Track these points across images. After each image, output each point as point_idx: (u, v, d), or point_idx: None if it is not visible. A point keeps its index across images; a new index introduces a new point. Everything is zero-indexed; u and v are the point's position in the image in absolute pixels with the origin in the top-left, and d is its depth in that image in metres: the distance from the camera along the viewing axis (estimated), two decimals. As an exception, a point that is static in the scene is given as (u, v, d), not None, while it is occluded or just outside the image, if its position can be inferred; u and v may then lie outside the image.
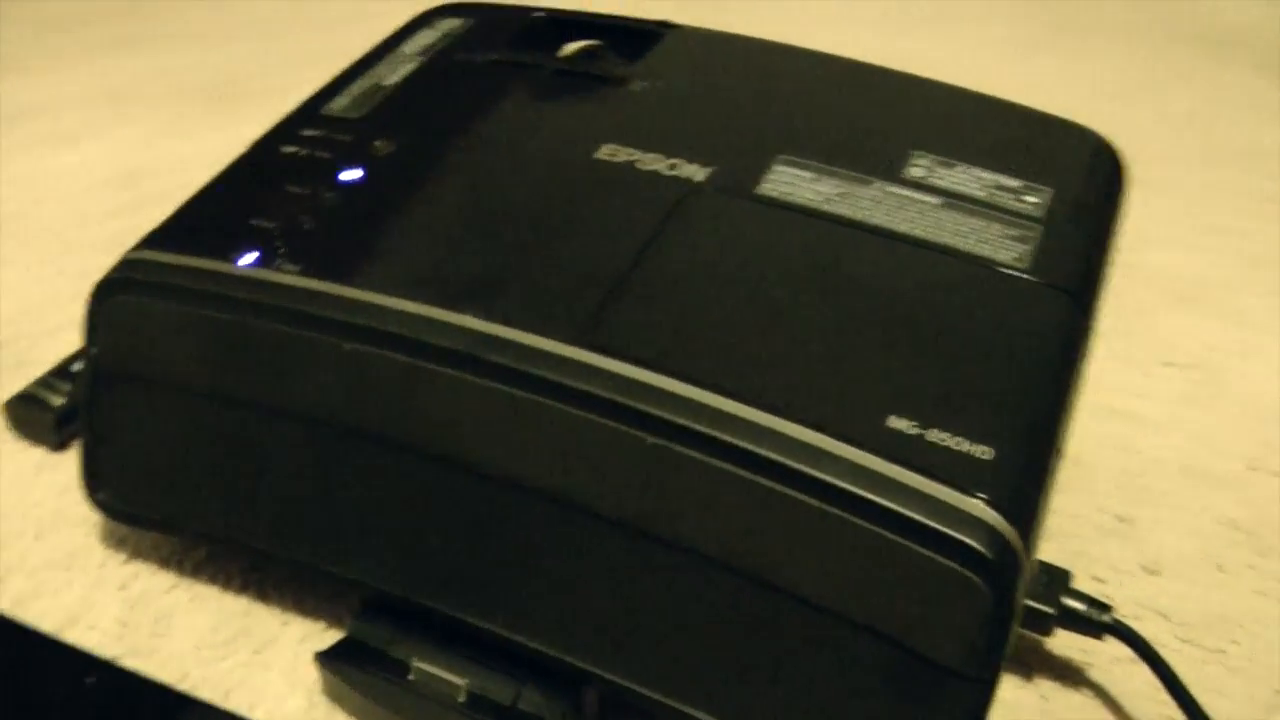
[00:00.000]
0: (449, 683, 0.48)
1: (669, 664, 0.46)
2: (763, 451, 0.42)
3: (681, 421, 0.43)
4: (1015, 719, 0.51)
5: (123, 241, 0.52)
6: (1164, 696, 0.49)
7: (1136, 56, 1.02)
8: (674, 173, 0.53)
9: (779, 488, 0.42)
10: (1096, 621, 0.49)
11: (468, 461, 0.46)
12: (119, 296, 0.51)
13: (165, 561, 0.56)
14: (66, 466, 0.61)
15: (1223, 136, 0.89)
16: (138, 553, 0.56)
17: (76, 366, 0.63)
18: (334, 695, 0.50)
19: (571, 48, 0.63)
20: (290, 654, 0.52)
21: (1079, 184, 0.54)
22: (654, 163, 0.53)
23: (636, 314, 0.46)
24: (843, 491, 0.41)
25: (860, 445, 0.42)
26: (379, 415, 0.47)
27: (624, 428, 0.43)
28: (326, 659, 0.49)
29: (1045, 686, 0.52)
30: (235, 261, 0.50)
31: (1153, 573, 0.57)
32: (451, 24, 0.64)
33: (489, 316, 0.46)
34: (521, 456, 0.45)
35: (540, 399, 0.44)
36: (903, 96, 0.59)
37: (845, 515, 0.41)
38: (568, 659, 0.47)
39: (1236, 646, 0.54)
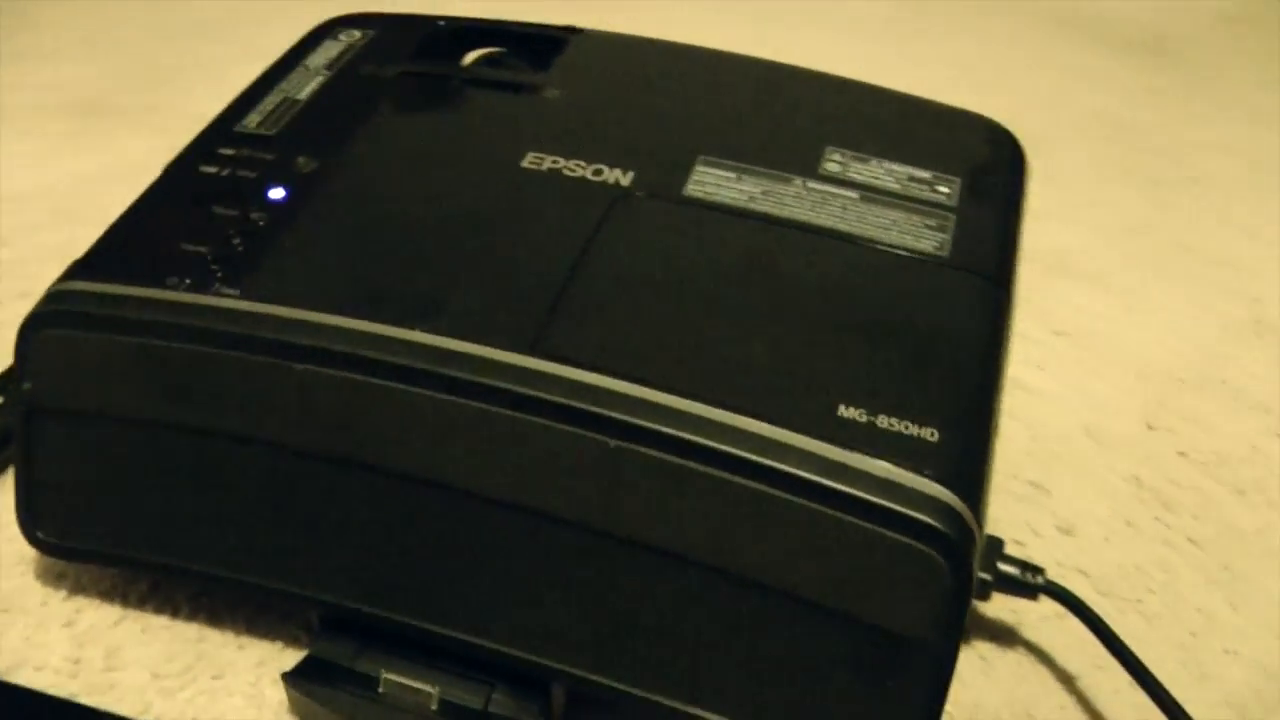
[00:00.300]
0: (420, 692, 0.49)
1: (637, 657, 0.47)
2: (726, 448, 0.43)
3: (643, 423, 0.44)
4: (960, 681, 0.53)
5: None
6: (1093, 647, 0.52)
7: (994, 40, 1.06)
8: (600, 179, 0.54)
9: (742, 481, 0.43)
10: (1031, 584, 0.52)
11: (424, 475, 0.47)
12: (50, 329, 0.50)
13: (109, 594, 0.55)
14: (-7, 503, 0.59)
15: (1086, 114, 0.94)
16: (79, 588, 0.55)
17: (-8, 399, 0.62)
18: (303, 714, 0.50)
19: (476, 55, 0.64)
20: (251, 677, 0.52)
21: (985, 172, 0.57)
22: (579, 169, 0.54)
23: (584, 320, 0.47)
24: (803, 480, 0.43)
25: (815, 435, 0.44)
26: (332, 434, 0.48)
27: (584, 432, 0.44)
28: (294, 679, 0.49)
29: (983, 648, 0.55)
30: (170, 287, 0.49)
31: (1067, 533, 0.60)
32: (354, 35, 0.64)
33: (439, 331, 0.47)
34: (481, 467, 0.46)
35: (497, 410, 0.45)
36: (810, 93, 0.61)
37: (807, 503, 0.43)
38: (536, 660, 0.48)
39: (1151, 595, 0.57)
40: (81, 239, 0.75)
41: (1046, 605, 0.54)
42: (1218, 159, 0.89)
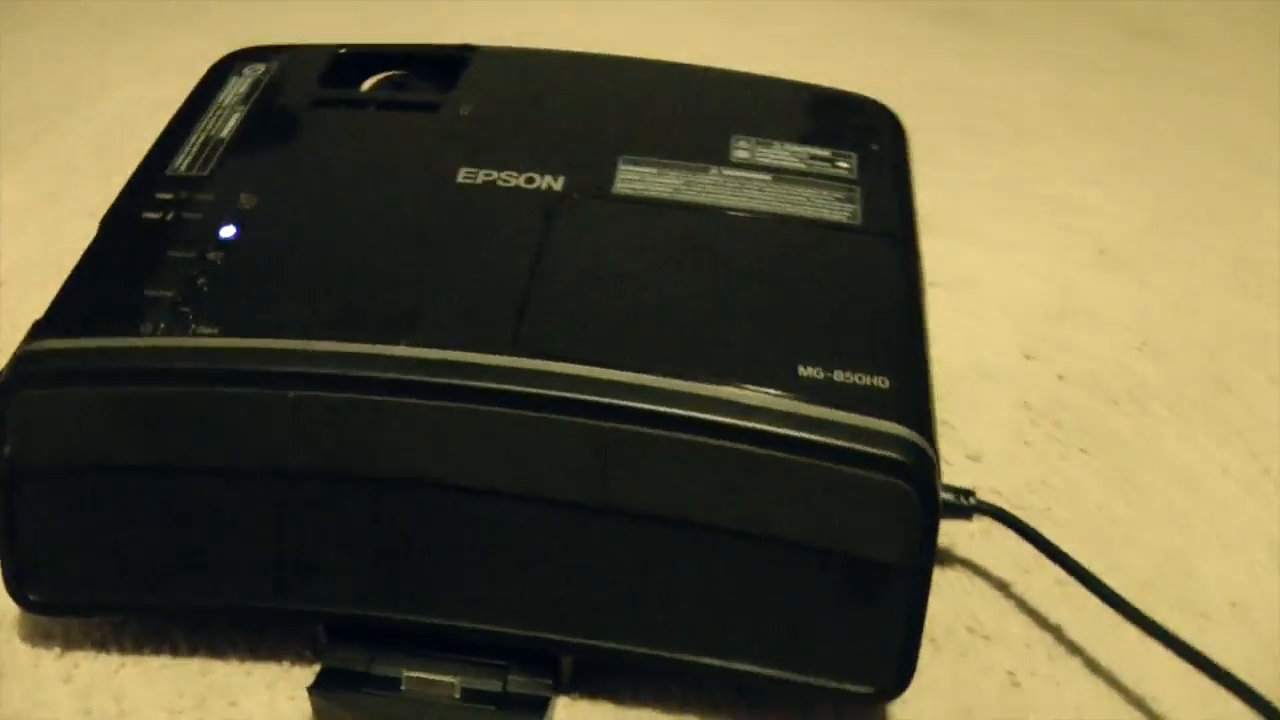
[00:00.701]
0: (442, 684, 0.52)
1: (637, 618, 0.51)
2: (708, 416, 0.48)
3: (629, 404, 0.48)
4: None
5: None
6: (1016, 556, 0.60)
7: (823, 17, 1.12)
8: (534, 186, 0.57)
9: (726, 444, 0.48)
10: (966, 506, 0.58)
11: (422, 478, 0.50)
12: (27, 391, 0.51)
13: (103, 644, 0.56)
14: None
15: (920, 81, 1.01)
16: (69, 643, 0.56)
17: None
18: (327, 723, 0.53)
19: (376, 80, 0.66)
20: (265, 698, 0.54)
21: (875, 146, 0.63)
22: (513, 179, 0.58)
23: (554, 316, 0.51)
24: (779, 437, 0.48)
25: (784, 395, 0.49)
26: (327, 453, 0.50)
27: (574, 419, 0.48)
28: (320, 690, 0.51)
29: (927, 571, 0.61)
30: (146, 334, 0.51)
31: (976, 460, 0.66)
32: (258, 69, 0.66)
33: (421, 342, 0.50)
34: (477, 464, 0.50)
35: (488, 408, 0.49)
36: (706, 88, 0.66)
37: (786, 456, 0.48)
38: (545, 636, 0.52)
39: (1057, 503, 0.64)
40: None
41: (974, 525, 0.60)
42: (1044, 113, 0.97)
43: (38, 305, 0.72)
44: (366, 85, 0.66)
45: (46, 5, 1.08)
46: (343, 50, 0.66)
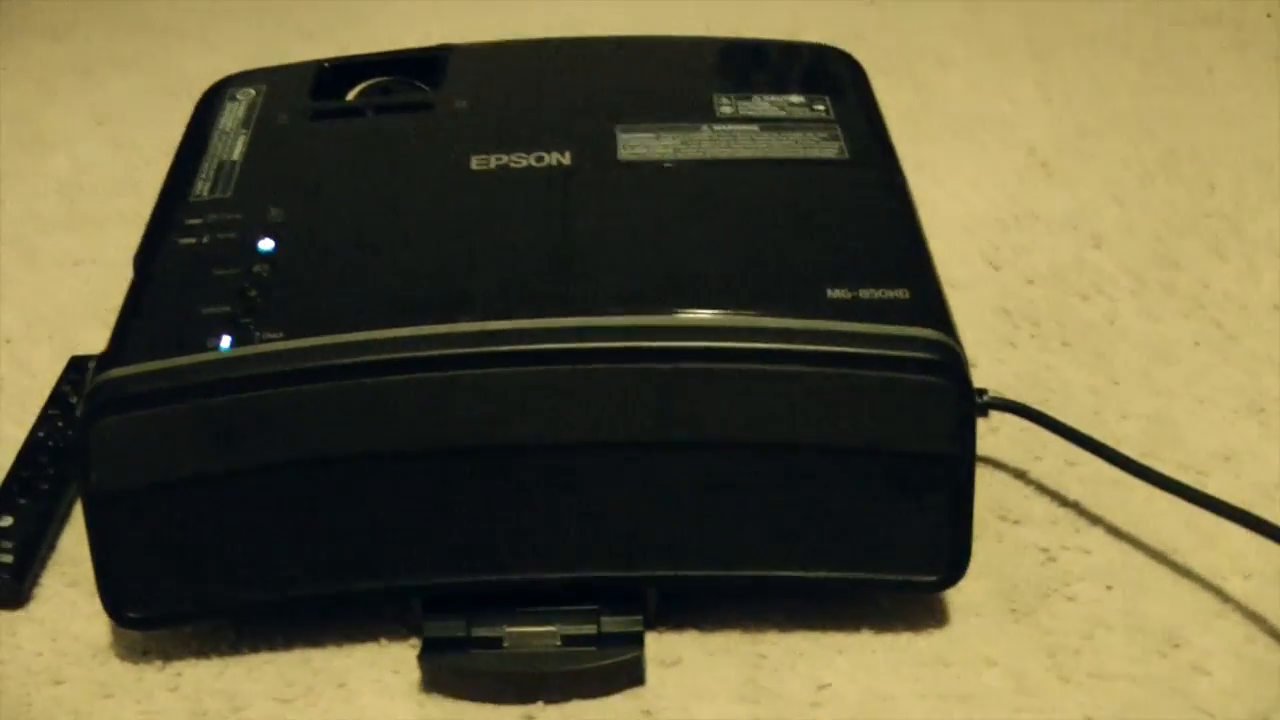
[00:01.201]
0: (543, 634, 0.55)
1: (713, 543, 0.56)
2: (762, 345, 0.52)
3: (690, 344, 0.52)
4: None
5: None
6: (1025, 445, 0.66)
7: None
8: (545, 164, 0.61)
9: (778, 368, 0.53)
10: (982, 404, 0.62)
11: (503, 443, 0.54)
12: (107, 418, 0.53)
13: (200, 652, 0.58)
14: (38, 615, 0.61)
15: (830, 27, 1.05)
16: (166, 654, 0.58)
17: (4, 521, 0.63)
18: (439, 687, 0.56)
19: (362, 87, 0.69)
20: (371, 675, 0.57)
21: (843, 87, 0.67)
22: (524, 160, 0.61)
23: (598, 275, 0.55)
24: (825, 354, 0.53)
25: (822, 317, 0.53)
26: (409, 432, 0.53)
27: (640, 365, 0.52)
28: (430, 657, 0.55)
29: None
30: (215, 348, 0.54)
31: (971, 365, 0.71)
32: (249, 92, 0.68)
33: (482, 316, 0.53)
34: (553, 421, 0.53)
35: (558, 367, 0.52)
36: (675, 54, 0.70)
37: (834, 370, 0.53)
38: (631, 574, 0.56)
39: (1051, 393, 0.70)
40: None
41: (983, 423, 0.65)
42: (953, 40, 1.03)
43: (52, 358, 0.75)
44: (352, 94, 0.69)
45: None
46: (326, 64, 0.69)
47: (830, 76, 0.68)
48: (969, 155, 0.88)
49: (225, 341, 0.54)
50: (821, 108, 0.65)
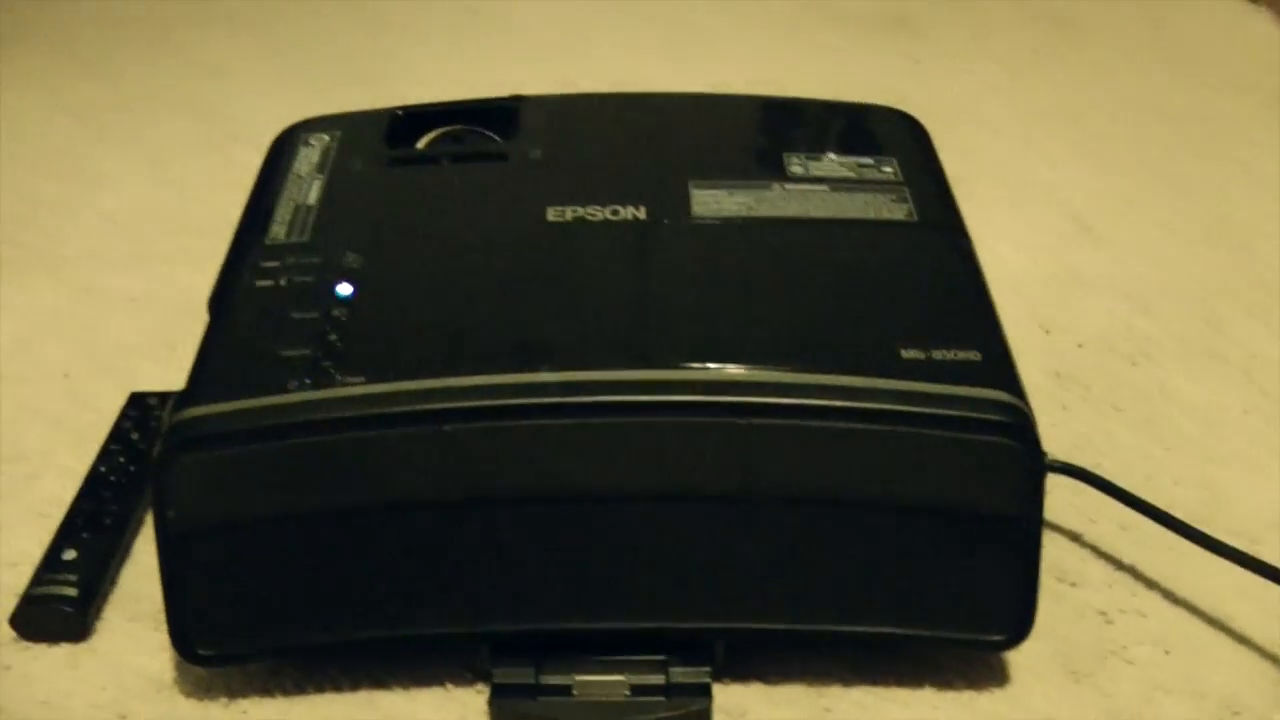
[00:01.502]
0: (611, 684, 0.56)
1: (785, 597, 0.56)
2: (837, 403, 0.53)
3: (766, 400, 0.53)
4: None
5: None
6: (1080, 509, 0.66)
7: (759, 36, 1.19)
8: (620, 217, 0.62)
9: (853, 426, 0.53)
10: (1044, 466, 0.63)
11: (578, 493, 0.54)
12: (186, 456, 0.54)
13: (265, 690, 0.59)
14: (102, 649, 0.61)
15: (871, 89, 1.07)
16: (230, 690, 0.59)
17: (68, 554, 0.64)
18: (505, 735, 0.56)
19: (434, 135, 0.70)
20: (437, 720, 0.57)
21: (909, 150, 0.68)
22: (598, 213, 0.62)
23: (675, 329, 0.56)
24: (899, 413, 0.53)
25: (895, 377, 0.54)
26: (485, 480, 0.54)
27: (717, 419, 0.53)
28: (500, 704, 0.55)
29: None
30: (293, 390, 0.54)
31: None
32: (324, 138, 0.69)
33: (561, 367, 0.54)
34: (629, 472, 0.54)
35: (637, 419, 0.53)
36: (744, 112, 0.72)
37: (906, 429, 0.53)
38: (702, 626, 0.56)
39: (1104, 456, 0.70)
40: (44, 395, 0.75)
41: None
42: (991, 105, 1.04)
43: (111, 393, 0.75)
44: (423, 142, 0.70)
45: (26, 103, 1.09)
46: (399, 112, 0.70)
47: (896, 138, 0.69)
48: (1013, 218, 0.90)
49: (305, 384, 0.54)
50: (890, 170, 0.66)
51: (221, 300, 0.60)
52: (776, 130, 0.70)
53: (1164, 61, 1.10)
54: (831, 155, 0.67)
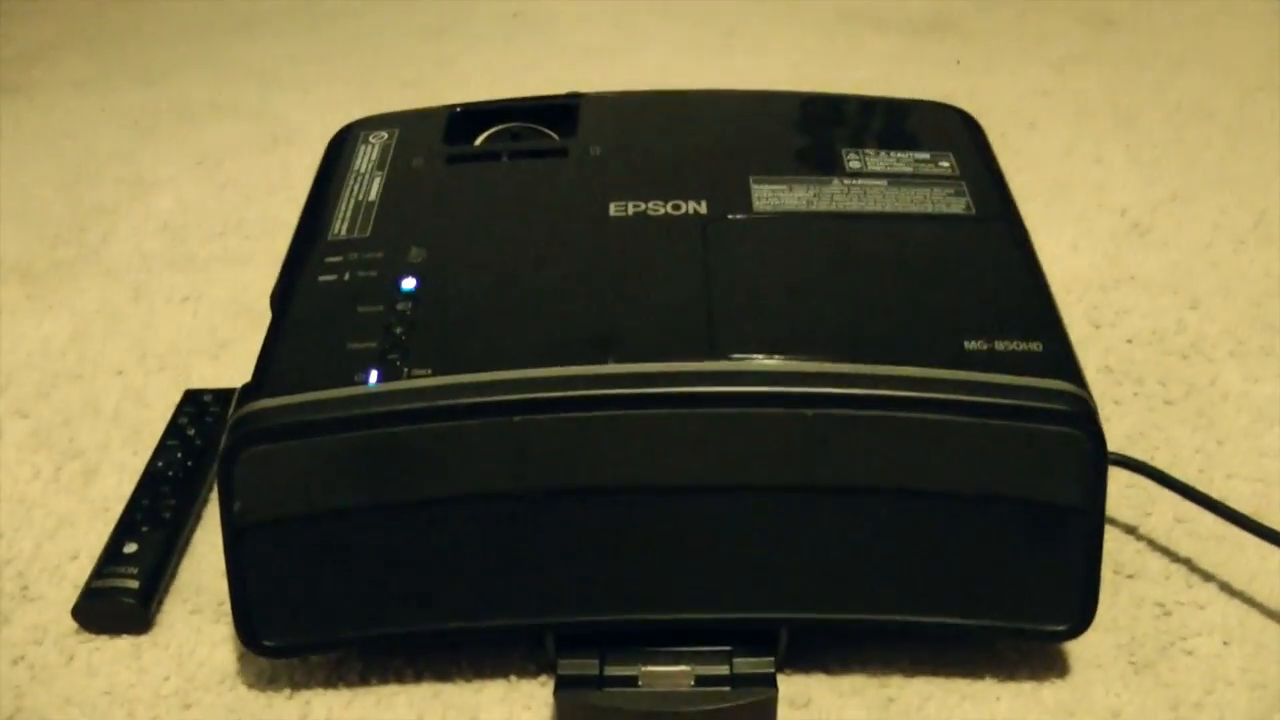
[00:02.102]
0: (676, 674, 0.56)
1: (849, 586, 0.56)
2: (903, 393, 0.53)
3: (834, 390, 0.53)
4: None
5: None
6: (1138, 501, 0.67)
7: (808, 38, 1.19)
8: (681, 212, 0.62)
9: (919, 416, 0.53)
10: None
11: (645, 484, 0.55)
12: (253, 449, 0.54)
13: (328, 682, 0.59)
14: (162, 641, 0.62)
15: (916, 89, 1.08)
16: (294, 682, 0.59)
17: (129, 547, 0.64)
18: (571, 723, 0.56)
19: (491, 132, 0.71)
20: (503, 711, 0.58)
21: (965, 144, 0.69)
22: (661, 208, 0.63)
23: (741, 321, 0.56)
24: (965, 403, 0.53)
25: (960, 367, 0.54)
26: (553, 472, 0.54)
27: (783, 410, 0.53)
28: (566, 694, 0.55)
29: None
30: (363, 382, 0.55)
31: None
32: (381, 135, 0.70)
33: (630, 358, 0.54)
34: (696, 463, 0.54)
35: (705, 410, 0.53)
36: (799, 109, 0.72)
37: (972, 420, 0.53)
38: (765, 616, 0.56)
39: (1158, 450, 0.70)
40: (100, 392, 0.75)
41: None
42: (1035, 105, 1.05)
43: (165, 390, 0.76)
44: (480, 140, 0.70)
45: (79, 109, 1.11)
46: (458, 110, 0.71)
47: (952, 133, 0.70)
48: (1064, 217, 0.90)
49: (374, 376, 0.55)
50: (946, 164, 0.66)
51: (285, 296, 0.61)
52: (833, 126, 0.70)
53: (1207, 62, 1.10)
54: (888, 150, 0.67)
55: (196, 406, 0.74)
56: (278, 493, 0.55)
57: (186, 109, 1.09)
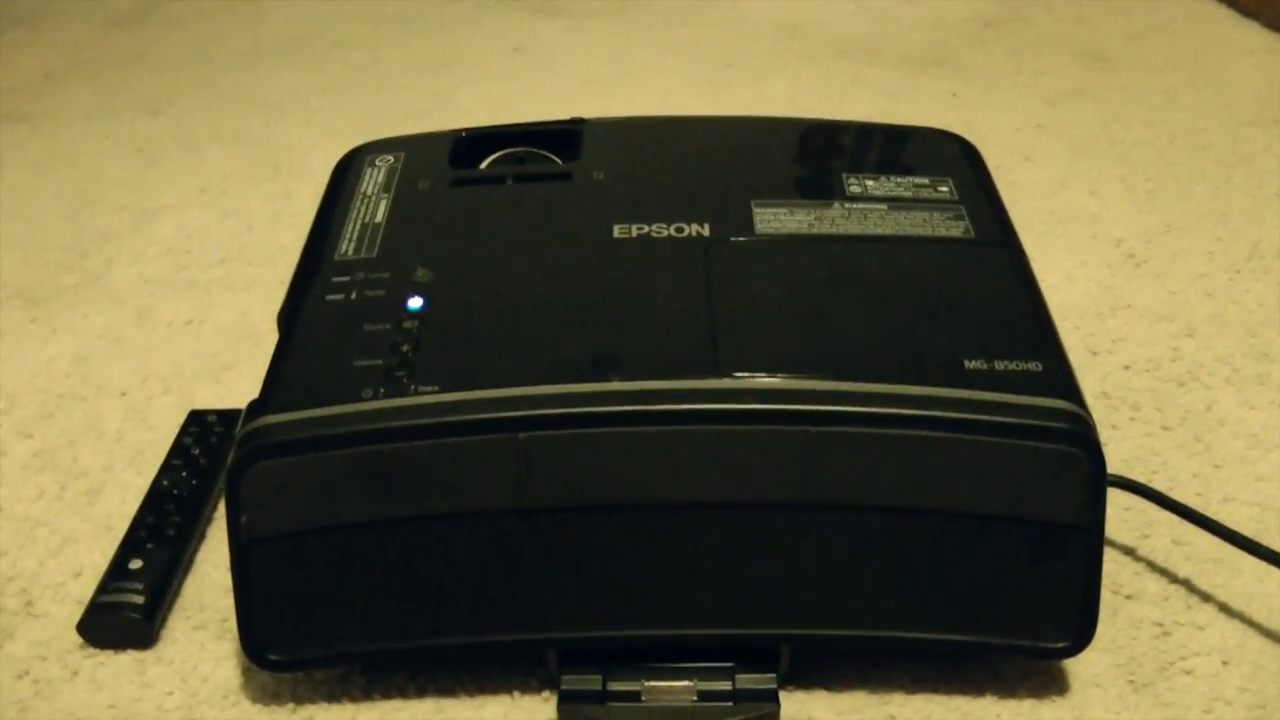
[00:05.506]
0: (679, 690, 0.56)
1: (848, 602, 0.57)
2: (903, 411, 0.54)
3: (835, 408, 0.54)
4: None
5: None
6: (1136, 523, 0.67)
7: (804, 74, 1.21)
8: (685, 234, 0.63)
9: (919, 433, 0.54)
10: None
11: (647, 500, 0.55)
12: (260, 463, 0.55)
13: (332, 696, 0.60)
14: (166, 656, 0.62)
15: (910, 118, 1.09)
16: (297, 697, 0.60)
17: (134, 563, 0.65)
18: (575, 740, 0.57)
19: (496, 156, 0.72)
20: (507, 728, 0.58)
21: (963, 170, 0.70)
22: (663, 230, 0.63)
23: (743, 340, 0.57)
24: (965, 421, 0.54)
25: (960, 386, 0.55)
26: (557, 488, 0.55)
27: (785, 427, 0.54)
28: (567, 708, 0.56)
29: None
30: (368, 399, 0.55)
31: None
32: (388, 159, 0.71)
33: (633, 377, 0.55)
34: (697, 480, 0.55)
35: (707, 427, 0.54)
36: (803, 135, 0.73)
37: (972, 438, 0.54)
38: (768, 633, 0.57)
39: (1155, 474, 0.71)
40: (104, 413, 0.77)
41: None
42: (1028, 137, 1.06)
43: (168, 412, 0.77)
44: (485, 163, 0.71)
45: (85, 138, 1.12)
46: (463, 134, 0.72)
47: (950, 159, 0.71)
48: (1060, 247, 0.91)
49: (379, 392, 0.55)
50: (945, 189, 0.67)
51: (292, 314, 0.61)
52: (833, 152, 0.71)
53: (1199, 95, 1.11)
54: (888, 175, 0.68)
55: (201, 426, 0.74)
56: (284, 507, 0.56)
57: (190, 138, 1.10)
